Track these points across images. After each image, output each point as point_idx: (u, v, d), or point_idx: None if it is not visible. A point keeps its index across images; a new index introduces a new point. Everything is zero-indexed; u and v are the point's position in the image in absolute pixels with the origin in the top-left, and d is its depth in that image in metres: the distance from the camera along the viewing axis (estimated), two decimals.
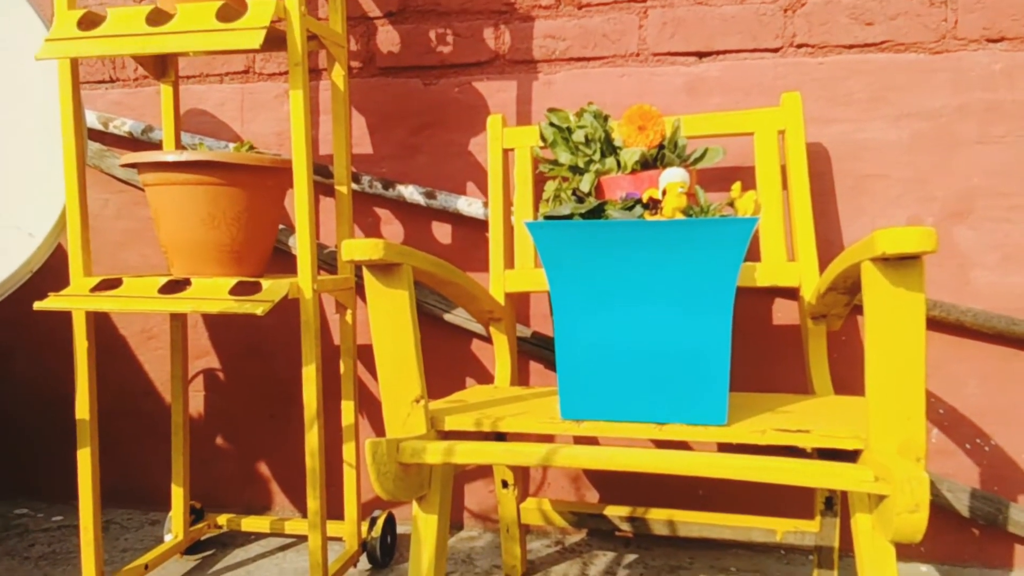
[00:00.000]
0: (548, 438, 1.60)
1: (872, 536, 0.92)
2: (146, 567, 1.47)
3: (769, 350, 1.59)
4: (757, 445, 0.99)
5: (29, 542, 1.71)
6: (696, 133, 1.44)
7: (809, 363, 1.33)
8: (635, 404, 1.06)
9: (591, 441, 1.56)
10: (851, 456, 0.95)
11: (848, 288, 1.14)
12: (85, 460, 1.35)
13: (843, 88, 1.54)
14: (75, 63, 1.32)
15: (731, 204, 1.12)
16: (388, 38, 1.70)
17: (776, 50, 1.56)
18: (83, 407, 1.34)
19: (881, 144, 1.53)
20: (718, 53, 1.59)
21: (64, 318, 1.37)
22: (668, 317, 1.04)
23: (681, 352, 1.04)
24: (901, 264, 0.86)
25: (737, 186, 1.12)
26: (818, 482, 0.89)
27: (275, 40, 1.27)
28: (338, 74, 1.45)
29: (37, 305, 1.27)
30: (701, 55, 1.60)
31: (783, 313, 1.58)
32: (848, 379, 1.52)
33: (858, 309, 1.52)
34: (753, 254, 1.42)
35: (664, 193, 1.11)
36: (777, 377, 1.59)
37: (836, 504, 1.33)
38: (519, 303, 1.68)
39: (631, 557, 1.59)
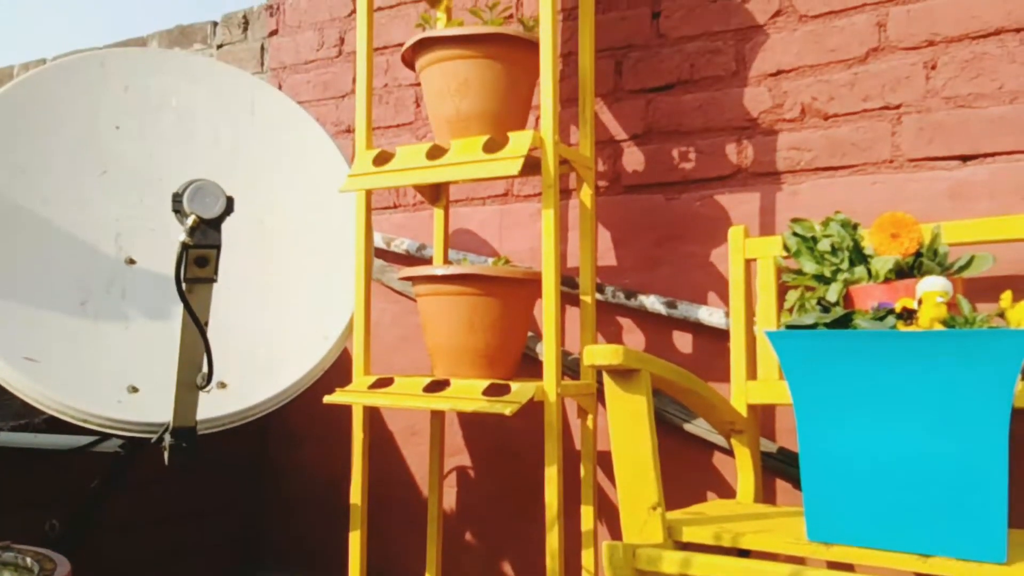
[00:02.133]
0: (795, 560, 1.50)
1: None
2: None
3: None
4: None
5: None
6: (961, 240, 1.34)
7: None
8: (893, 530, 0.99)
9: (844, 567, 1.44)
10: None
11: None
12: (355, 541, 1.50)
13: None
14: (369, 194, 1.56)
15: (1001, 315, 1.03)
16: (633, 158, 1.81)
17: None
18: (356, 493, 1.51)
19: None
20: (986, 156, 1.49)
21: (344, 412, 1.57)
22: (928, 437, 0.97)
23: (945, 477, 0.95)
24: None
25: (1007, 295, 1.03)
26: None
27: (531, 166, 1.42)
28: (586, 193, 1.57)
29: (326, 399, 1.48)
30: (965, 159, 1.51)
31: None
32: None
33: None
34: None
35: (920, 303, 1.06)
36: None
37: None
38: (764, 416, 1.62)
39: None
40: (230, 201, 1.15)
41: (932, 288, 1.08)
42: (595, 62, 1.68)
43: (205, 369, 1.28)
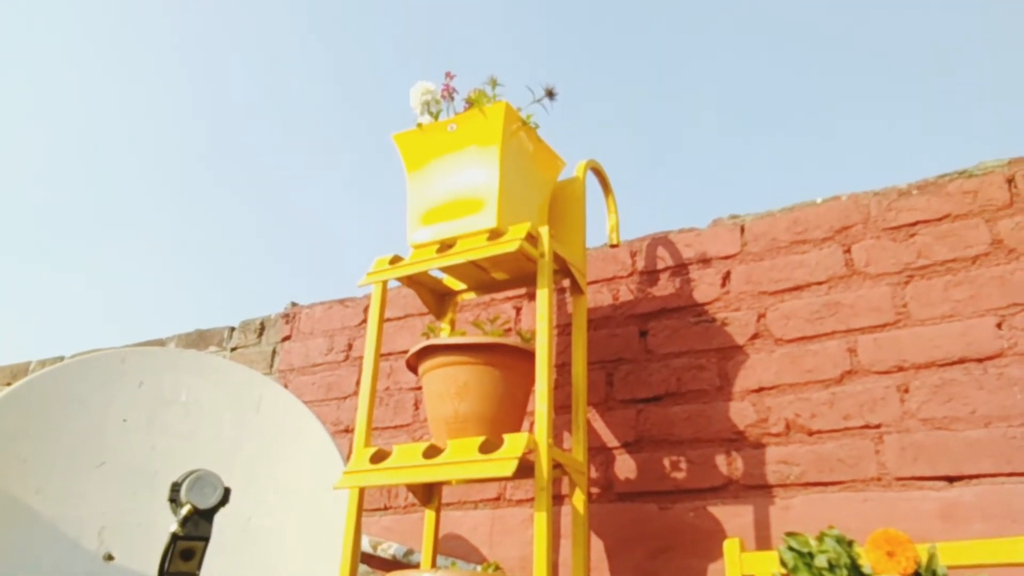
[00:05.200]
0: None
1: None
2: None
3: None
4: None
5: None
6: (958, 563, 1.32)
7: None
8: None
9: None
10: None
11: None
12: None
13: None
14: (362, 492, 1.57)
15: None
16: (625, 465, 1.84)
17: None
18: None
19: None
20: (971, 477, 1.52)
21: None
22: None
23: None
24: None
25: None
26: None
27: (525, 469, 1.44)
28: (579, 498, 1.57)
29: None
30: (951, 479, 1.54)
31: None
32: None
33: None
34: None
35: None
36: None
37: None
38: None
39: None
40: (227, 492, 1.16)
41: None
42: (587, 373, 1.79)
43: None
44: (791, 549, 1.31)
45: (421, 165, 1.78)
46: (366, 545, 2.04)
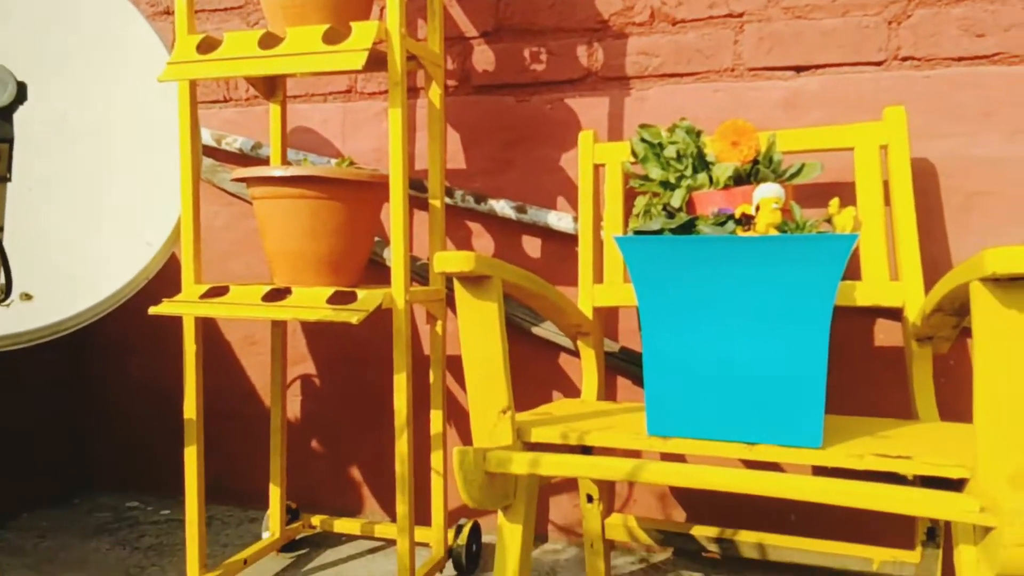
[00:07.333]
0: (634, 453, 1.59)
1: (977, 570, 0.88)
2: (244, 562, 1.54)
3: (870, 373, 1.53)
4: (853, 470, 0.96)
5: (139, 533, 1.82)
6: (793, 148, 1.40)
7: (913, 387, 1.28)
8: (724, 422, 1.05)
9: (678, 458, 1.54)
10: (956, 485, 0.91)
11: (956, 310, 1.09)
12: (191, 458, 1.43)
13: (952, 102, 1.47)
14: (193, 84, 1.41)
15: (829, 220, 1.09)
16: (483, 57, 1.74)
17: (880, 63, 1.52)
18: (190, 408, 1.42)
19: (993, 160, 1.46)
20: (817, 67, 1.55)
21: (175, 323, 1.46)
22: (761, 335, 1.02)
23: (774, 371, 1.02)
24: (1012, 285, 0.82)
25: (835, 202, 1.09)
26: (920, 511, 0.86)
27: (376, 60, 1.32)
28: (435, 92, 1.49)
29: (152, 310, 1.36)
30: (799, 69, 1.57)
31: (886, 334, 1.52)
32: (956, 405, 1.45)
33: (968, 331, 1.45)
34: (853, 272, 1.37)
35: (757, 209, 1.10)
36: (878, 401, 1.52)
37: (939, 535, 1.26)
38: (608, 318, 1.67)
39: None
40: (22, 87, 0.99)
41: (768, 195, 1.13)
42: None
43: (2, 279, 1.14)
44: (643, 140, 1.33)
45: None
46: (208, 138, 1.93)
